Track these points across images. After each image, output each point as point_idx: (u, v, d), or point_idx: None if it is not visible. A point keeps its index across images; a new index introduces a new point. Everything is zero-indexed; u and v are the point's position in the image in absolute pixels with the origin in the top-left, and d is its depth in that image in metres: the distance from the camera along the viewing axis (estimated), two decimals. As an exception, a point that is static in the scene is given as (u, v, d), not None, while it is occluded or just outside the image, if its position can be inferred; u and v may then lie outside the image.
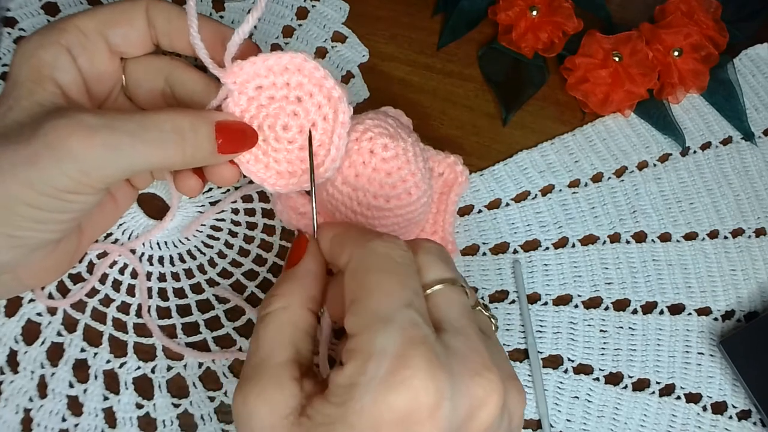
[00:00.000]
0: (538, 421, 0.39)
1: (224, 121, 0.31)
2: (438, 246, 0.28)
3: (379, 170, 0.34)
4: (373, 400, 0.22)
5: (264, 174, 0.33)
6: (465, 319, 0.26)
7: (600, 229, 0.44)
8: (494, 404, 0.24)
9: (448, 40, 0.49)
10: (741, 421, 0.41)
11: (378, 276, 0.25)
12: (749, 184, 0.47)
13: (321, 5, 0.49)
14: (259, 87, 0.31)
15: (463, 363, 0.24)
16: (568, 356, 0.41)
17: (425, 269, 0.27)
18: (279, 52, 0.31)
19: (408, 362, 0.22)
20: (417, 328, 0.23)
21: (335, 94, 0.32)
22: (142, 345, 0.38)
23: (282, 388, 0.25)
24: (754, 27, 0.51)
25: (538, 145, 0.46)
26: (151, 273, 0.40)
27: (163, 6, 0.32)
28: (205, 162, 0.31)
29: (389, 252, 0.26)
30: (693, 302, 0.43)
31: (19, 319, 0.38)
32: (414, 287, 0.25)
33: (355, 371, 0.23)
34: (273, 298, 0.28)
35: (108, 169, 0.28)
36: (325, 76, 0.31)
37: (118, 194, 0.37)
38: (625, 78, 0.46)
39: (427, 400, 0.22)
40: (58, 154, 0.27)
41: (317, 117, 0.32)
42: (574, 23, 0.48)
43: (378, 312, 0.24)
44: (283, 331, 0.27)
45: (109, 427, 0.37)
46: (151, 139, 0.28)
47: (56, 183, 0.27)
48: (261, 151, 0.33)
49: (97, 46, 0.31)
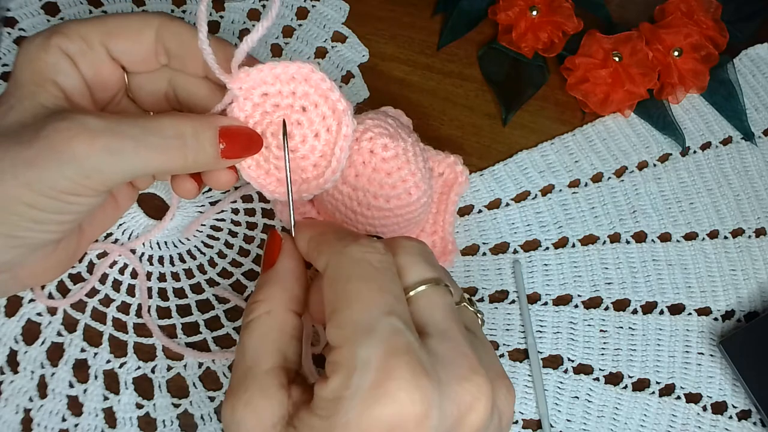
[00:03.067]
0: (538, 421, 0.39)
1: (228, 126, 0.30)
2: (419, 244, 0.28)
3: (379, 170, 0.34)
4: (359, 413, 0.22)
5: (264, 180, 0.33)
6: (450, 321, 0.25)
7: (600, 229, 0.44)
8: (483, 407, 0.24)
9: (448, 40, 0.49)
10: (741, 421, 0.41)
11: (356, 284, 0.24)
12: (749, 184, 0.47)
13: (321, 5, 0.49)
14: (264, 94, 0.31)
15: (450, 368, 0.23)
16: (568, 356, 0.41)
17: (407, 270, 0.26)
18: (287, 61, 0.31)
19: (392, 373, 0.22)
20: (399, 336, 0.23)
21: (340, 107, 0.32)
22: (142, 345, 0.38)
23: (269, 397, 0.25)
24: (754, 27, 0.51)
25: (538, 145, 0.46)
26: (151, 273, 0.40)
27: (176, 28, 0.31)
28: (207, 167, 0.31)
29: (366, 257, 0.25)
30: (693, 302, 0.43)
31: (19, 319, 0.38)
32: (394, 292, 0.25)
33: (340, 385, 0.23)
34: (255, 304, 0.27)
35: (110, 172, 0.28)
36: (331, 88, 0.31)
37: (119, 195, 0.37)
38: (625, 78, 0.46)
39: (414, 410, 0.22)
40: (59, 157, 0.27)
41: (321, 128, 0.32)
42: (574, 23, 0.48)
43: (359, 322, 0.23)
44: (268, 338, 0.27)
45: (109, 427, 0.37)
46: (154, 144, 0.28)
47: (57, 185, 0.27)
48: (263, 157, 0.32)
49: (98, 56, 0.31)
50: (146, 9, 0.47)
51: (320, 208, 0.39)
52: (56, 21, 0.46)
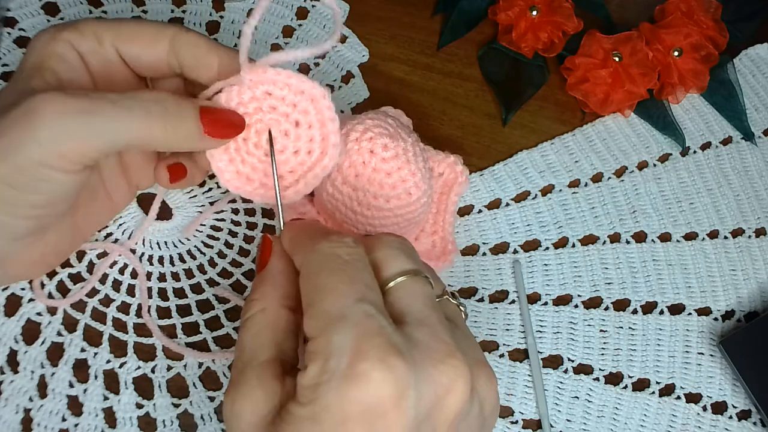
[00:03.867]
0: (538, 421, 0.39)
1: (210, 106, 0.31)
2: (398, 238, 0.28)
3: (379, 170, 0.34)
4: (336, 396, 0.22)
5: (225, 167, 0.33)
6: (428, 310, 0.26)
7: (600, 229, 0.44)
8: (461, 390, 0.24)
9: (448, 40, 0.49)
10: (741, 421, 0.41)
11: (327, 277, 0.25)
12: (749, 184, 0.47)
13: (321, 5, 0.49)
14: (268, 93, 0.31)
15: (426, 352, 0.24)
16: (568, 356, 0.41)
17: (386, 263, 0.27)
18: (304, 76, 0.31)
19: (364, 355, 0.23)
20: (371, 320, 0.24)
21: (332, 140, 0.32)
22: (142, 345, 0.38)
23: (264, 387, 0.25)
24: (754, 27, 0.51)
25: (538, 145, 0.47)
26: (151, 273, 0.40)
27: (191, 39, 0.31)
28: (189, 142, 0.31)
29: (335, 251, 0.26)
30: (693, 302, 0.43)
31: (19, 319, 0.38)
32: (365, 281, 0.25)
33: (318, 371, 0.23)
34: (251, 303, 0.28)
35: (84, 139, 0.28)
36: (332, 118, 0.32)
37: (114, 191, 0.37)
38: (625, 78, 0.46)
39: (389, 390, 0.22)
40: (32, 121, 0.27)
41: (303, 147, 0.32)
42: (574, 23, 0.48)
43: (331, 311, 0.24)
44: (263, 333, 0.27)
45: (109, 427, 0.37)
46: (133, 107, 0.28)
47: (30, 153, 0.27)
48: (234, 147, 0.33)
49: (108, 55, 0.31)
50: (146, 9, 0.47)
51: (320, 208, 0.39)
52: (56, 21, 0.46)
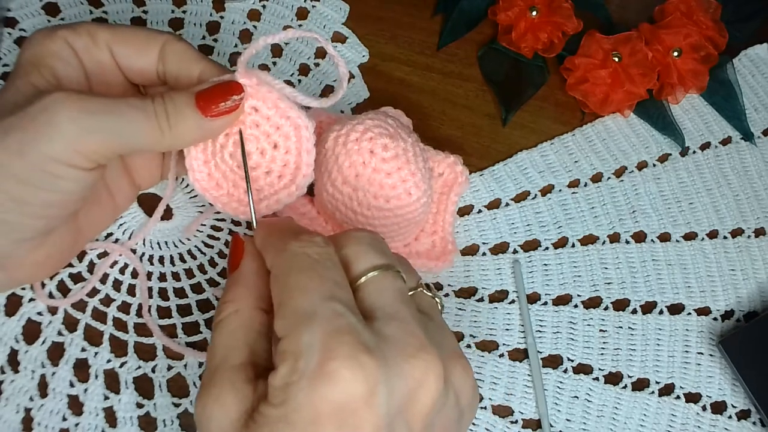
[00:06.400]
0: (537, 420, 0.39)
1: (203, 89, 0.31)
2: (369, 234, 0.28)
3: (379, 170, 0.34)
4: (307, 395, 0.22)
5: (198, 166, 0.33)
6: (399, 304, 0.26)
7: (600, 229, 0.44)
8: (433, 383, 0.24)
9: (448, 41, 0.49)
10: (740, 420, 0.41)
11: (296, 276, 0.25)
12: (749, 184, 0.47)
13: (321, 5, 0.49)
14: (255, 109, 0.31)
15: (397, 347, 0.24)
16: (567, 356, 0.41)
17: (355, 259, 0.27)
18: (294, 104, 0.31)
19: (333, 353, 0.23)
20: (340, 318, 0.24)
21: (304, 171, 0.33)
22: (142, 344, 0.39)
23: (236, 391, 0.25)
24: (753, 27, 0.52)
25: (538, 145, 0.47)
26: (152, 273, 0.40)
27: (180, 47, 0.32)
28: (193, 133, 0.31)
29: (304, 250, 0.26)
30: (692, 302, 0.43)
31: (19, 319, 0.38)
32: (335, 279, 0.25)
33: (288, 371, 0.23)
34: (224, 305, 0.28)
35: (102, 137, 0.28)
36: (309, 151, 0.32)
37: (117, 192, 0.37)
38: (625, 78, 0.46)
39: (359, 388, 0.22)
40: (51, 118, 0.28)
41: (276, 169, 0.33)
42: (573, 23, 0.48)
43: (300, 311, 0.24)
44: (235, 335, 0.27)
45: (109, 426, 0.37)
46: (134, 105, 0.29)
47: (47, 149, 0.28)
48: (211, 150, 0.33)
49: (102, 57, 0.32)
50: (146, 9, 0.47)
51: (321, 208, 0.39)
52: (57, 21, 0.46)
